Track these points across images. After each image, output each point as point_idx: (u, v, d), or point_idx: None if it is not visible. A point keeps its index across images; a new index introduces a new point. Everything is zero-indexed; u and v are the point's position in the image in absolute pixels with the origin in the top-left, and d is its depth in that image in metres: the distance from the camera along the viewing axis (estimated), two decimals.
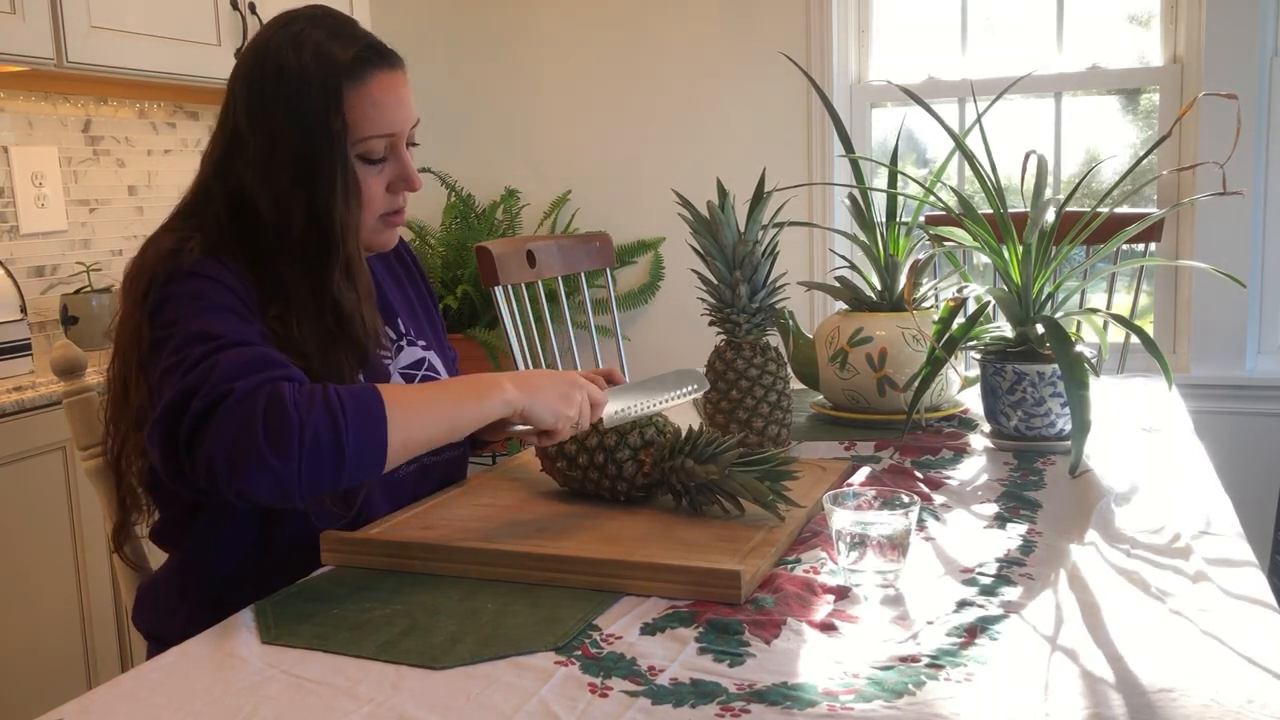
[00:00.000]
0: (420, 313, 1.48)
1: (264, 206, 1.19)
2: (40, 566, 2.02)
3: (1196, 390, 2.77)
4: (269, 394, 1.02)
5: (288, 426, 1.00)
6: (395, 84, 1.23)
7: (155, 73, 2.44)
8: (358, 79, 1.19)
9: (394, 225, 1.30)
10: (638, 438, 1.26)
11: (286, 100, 1.18)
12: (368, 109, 1.20)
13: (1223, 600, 0.97)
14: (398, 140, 1.24)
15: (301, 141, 1.18)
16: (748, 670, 0.87)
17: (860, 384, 1.65)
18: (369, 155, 1.22)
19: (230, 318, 1.12)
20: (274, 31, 1.22)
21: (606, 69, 3.35)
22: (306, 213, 1.19)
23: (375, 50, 1.22)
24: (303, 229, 1.19)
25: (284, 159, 1.19)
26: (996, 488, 1.35)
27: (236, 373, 1.03)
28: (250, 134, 1.20)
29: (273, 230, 1.20)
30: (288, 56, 1.19)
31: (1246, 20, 2.73)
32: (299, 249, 1.20)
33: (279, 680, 0.88)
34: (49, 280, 2.56)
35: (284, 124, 1.18)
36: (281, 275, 1.20)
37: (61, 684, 2.04)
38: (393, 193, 1.26)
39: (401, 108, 1.23)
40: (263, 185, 1.19)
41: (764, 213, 1.48)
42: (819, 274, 3.18)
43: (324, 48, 1.19)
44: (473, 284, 3.19)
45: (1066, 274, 1.57)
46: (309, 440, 1.00)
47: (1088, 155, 3.06)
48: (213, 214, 1.21)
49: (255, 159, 1.19)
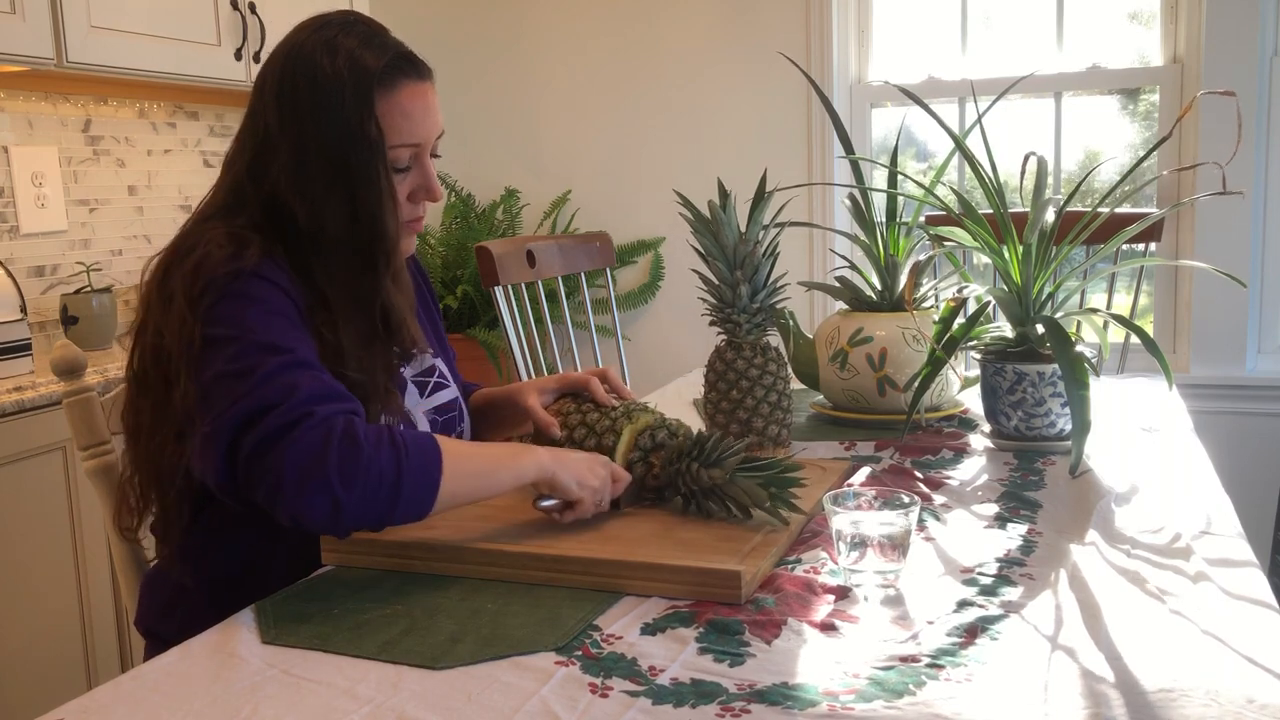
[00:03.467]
0: (423, 318, 1.49)
1: (300, 211, 1.19)
2: (40, 566, 2.02)
3: (1196, 390, 2.77)
4: (345, 424, 1.04)
5: (358, 458, 1.02)
6: (424, 94, 1.24)
7: (155, 73, 2.44)
8: (388, 87, 1.20)
9: (414, 233, 1.31)
10: (648, 440, 1.26)
11: (319, 105, 1.18)
12: (397, 118, 1.20)
13: (1223, 600, 0.97)
14: (422, 150, 1.25)
15: (336, 147, 1.18)
16: (748, 670, 0.87)
17: (860, 384, 1.65)
18: (395, 164, 1.22)
19: (294, 330, 1.12)
20: (306, 35, 1.22)
21: (607, 69, 3.35)
22: (347, 218, 1.19)
23: (407, 60, 1.23)
24: (341, 235, 1.19)
25: (319, 164, 1.18)
26: (996, 488, 1.35)
27: (318, 397, 1.05)
28: (282, 138, 1.20)
29: (310, 236, 1.20)
30: (321, 61, 1.18)
31: (1246, 20, 2.73)
32: (344, 254, 1.20)
33: (279, 680, 0.88)
34: (49, 280, 2.56)
35: (317, 129, 1.18)
36: (321, 280, 1.20)
37: (61, 684, 2.04)
38: (414, 201, 1.27)
39: (429, 118, 1.24)
40: (297, 190, 1.19)
41: (765, 213, 1.48)
42: (819, 274, 3.18)
43: (357, 54, 1.19)
44: (473, 284, 3.19)
45: (1066, 274, 1.57)
46: (374, 476, 1.03)
47: (1087, 155, 3.06)
48: (249, 216, 1.21)
49: (288, 164, 1.19)
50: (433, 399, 1.38)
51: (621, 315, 3.30)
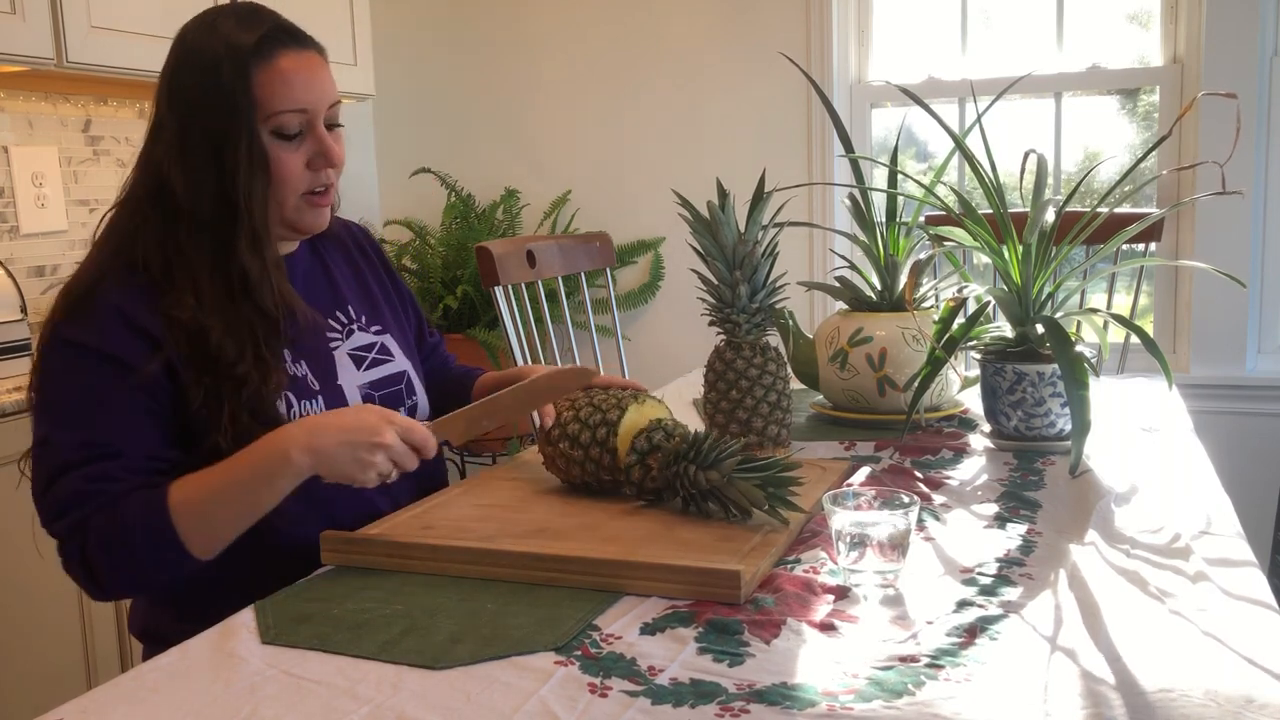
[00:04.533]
0: (381, 299, 1.49)
1: (179, 188, 1.24)
2: (40, 567, 2.01)
3: (1196, 390, 2.77)
4: (79, 544, 1.16)
5: (97, 570, 1.16)
6: (305, 62, 1.27)
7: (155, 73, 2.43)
8: (265, 58, 1.24)
9: (319, 204, 1.32)
10: (645, 442, 1.26)
11: (198, 85, 1.24)
12: (277, 85, 1.24)
13: (1223, 600, 0.97)
14: (313, 117, 1.27)
15: (210, 122, 1.23)
16: (747, 670, 0.87)
17: (860, 384, 1.65)
18: (283, 130, 1.25)
19: (77, 410, 1.18)
20: (191, 25, 1.29)
21: (607, 69, 3.35)
22: (216, 190, 1.23)
23: (284, 31, 1.27)
24: (212, 206, 1.24)
25: (197, 140, 1.23)
26: (996, 488, 1.35)
27: (60, 511, 1.17)
28: (168, 120, 1.26)
29: (188, 211, 1.24)
30: (200, 45, 1.25)
31: (1246, 20, 2.73)
32: (208, 225, 1.24)
33: (279, 680, 0.88)
34: (49, 280, 2.56)
35: (196, 107, 1.24)
36: (191, 257, 1.24)
37: (61, 684, 2.04)
38: (313, 169, 1.29)
39: (313, 85, 1.27)
40: (179, 167, 1.24)
41: (764, 213, 1.48)
42: (819, 274, 3.18)
43: (233, 34, 1.24)
44: (473, 284, 3.19)
45: (1066, 274, 1.57)
46: (122, 578, 1.18)
47: (1087, 155, 3.06)
48: (135, 205, 1.26)
49: (172, 143, 1.25)
50: (370, 373, 1.39)
51: (621, 315, 3.30)
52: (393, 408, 1.36)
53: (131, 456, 1.17)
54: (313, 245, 1.44)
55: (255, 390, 1.21)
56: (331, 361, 1.35)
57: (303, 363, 1.31)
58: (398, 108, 3.52)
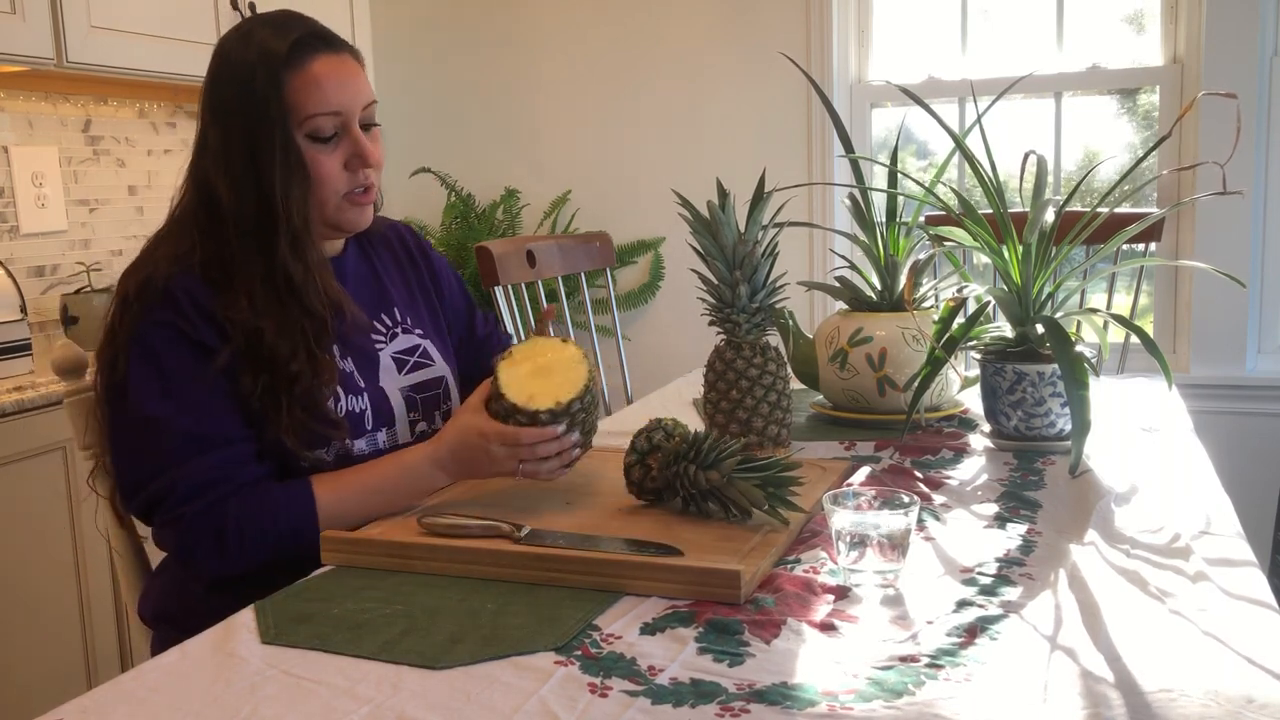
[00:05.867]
0: (423, 304, 1.50)
1: (224, 195, 1.26)
2: (40, 566, 2.02)
3: (1196, 390, 2.77)
4: (215, 525, 1.20)
5: (229, 547, 1.20)
6: (339, 65, 1.29)
7: (155, 73, 2.44)
8: (297, 64, 1.26)
9: (361, 203, 1.34)
10: (645, 442, 1.26)
11: (234, 94, 1.26)
12: (310, 89, 1.26)
13: (1223, 600, 0.97)
14: (348, 119, 1.29)
15: (248, 129, 1.25)
16: (747, 670, 0.87)
17: (860, 384, 1.65)
18: (318, 133, 1.28)
19: (184, 391, 1.21)
20: (229, 35, 1.31)
21: (607, 69, 3.35)
22: (256, 195, 1.26)
23: (316, 36, 1.30)
24: (254, 212, 1.26)
25: (236, 149, 1.26)
26: (996, 488, 1.35)
27: (190, 495, 1.20)
28: (210, 131, 1.29)
29: (233, 218, 1.26)
30: (236, 54, 1.27)
31: (1246, 20, 2.73)
32: (252, 231, 1.27)
33: (279, 680, 0.88)
34: (49, 280, 2.56)
35: (233, 116, 1.26)
36: (242, 263, 1.26)
37: (61, 684, 2.04)
38: (351, 170, 1.31)
39: (347, 87, 1.29)
40: (223, 175, 1.27)
41: (764, 213, 1.48)
42: (819, 274, 3.18)
43: (266, 41, 1.26)
44: (473, 284, 3.19)
45: (1066, 274, 1.57)
46: (251, 555, 1.21)
47: (1087, 155, 3.06)
48: (188, 216, 1.29)
49: (215, 151, 1.28)
50: (410, 377, 1.41)
51: (621, 315, 3.30)
52: (430, 412, 1.42)
53: (241, 441, 1.24)
54: (361, 247, 1.47)
55: (307, 387, 1.25)
56: (375, 363, 1.38)
57: (349, 359, 1.34)
58: (397, 108, 3.52)
